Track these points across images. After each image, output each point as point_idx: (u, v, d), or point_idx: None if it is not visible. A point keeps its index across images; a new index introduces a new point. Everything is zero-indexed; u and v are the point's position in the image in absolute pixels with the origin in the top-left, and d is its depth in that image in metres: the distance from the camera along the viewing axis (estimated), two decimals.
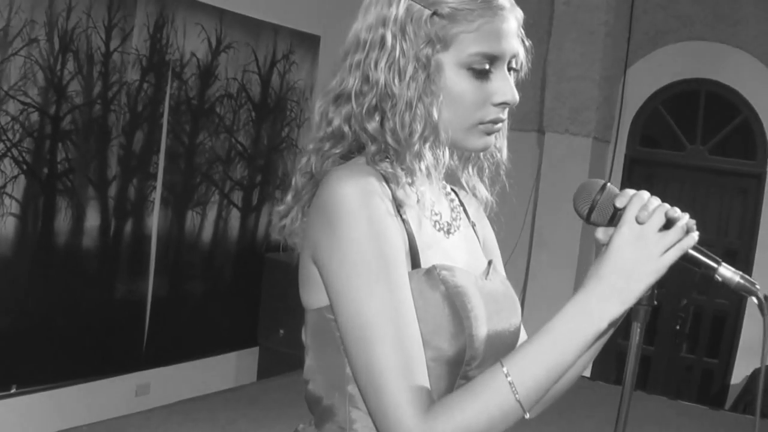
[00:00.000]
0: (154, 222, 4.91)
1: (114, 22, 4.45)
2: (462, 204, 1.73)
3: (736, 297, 6.36)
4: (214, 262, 5.38)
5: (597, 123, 6.36)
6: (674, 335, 6.45)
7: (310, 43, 5.84)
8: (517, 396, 1.34)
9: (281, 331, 5.51)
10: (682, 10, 6.48)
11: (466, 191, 1.75)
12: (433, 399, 1.37)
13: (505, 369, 1.35)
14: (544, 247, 6.42)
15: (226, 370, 5.61)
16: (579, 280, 6.61)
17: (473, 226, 1.73)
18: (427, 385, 1.37)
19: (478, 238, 1.73)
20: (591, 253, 6.76)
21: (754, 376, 5.73)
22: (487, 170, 1.71)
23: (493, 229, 1.84)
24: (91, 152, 4.49)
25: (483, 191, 1.73)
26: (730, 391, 6.24)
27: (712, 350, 6.59)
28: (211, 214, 5.30)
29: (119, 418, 4.16)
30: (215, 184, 5.29)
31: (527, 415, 1.37)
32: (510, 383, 1.34)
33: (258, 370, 5.69)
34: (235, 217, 5.48)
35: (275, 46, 5.57)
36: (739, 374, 6.21)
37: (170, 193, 4.99)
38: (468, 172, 1.72)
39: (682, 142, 6.71)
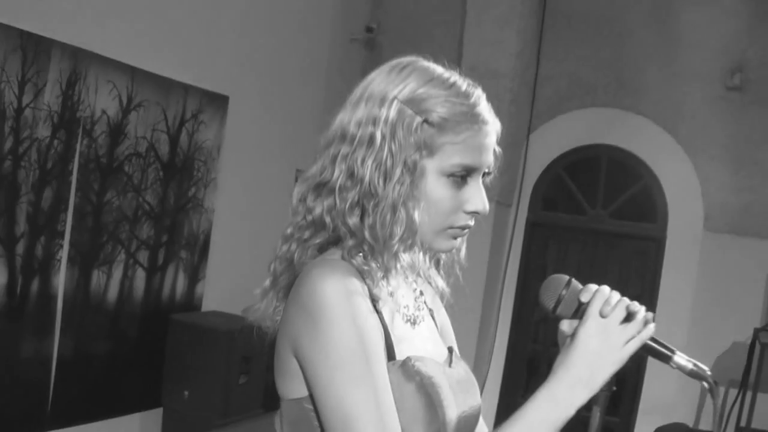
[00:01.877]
0: (60, 281, 4.81)
1: (27, 77, 4.40)
2: (422, 293, 1.80)
3: (637, 358, 6.51)
4: (119, 322, 5.28)
5: (501, 188, 6.49)
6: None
7: (219, 103, 5.85)
8: None
9: (186, 393, 5.45)
10: (585, 77, 6.70)
11: (422, 279, 1.83)
12: None
13: None
14: (447, 310, 6.47)
15: (131, 430, 5.50)
16: (480, 346, 6.73)
17: (431, 313, 1.81)
18: None
19: (436, 325, 1.82)
20: (491, 320, 6.87)
21: None
22: (443, 264, 1.81)
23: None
24: (0, 209, 4.40)
25: (440, 282, 1.82)
26: None
27: (612, 409, 6.71)
28: (117, 273, 5.22)
29: None
30: (121, 243, 5.21)
31: None
32: None
33: (162, 431, 5.59)
34: (140, 277, 5.40)
35: (185, 105, 5.55)
36: None
37: (77, 252, 4.90)
38: (425, 262, 1.80)
39: (584, 206, 6.89)
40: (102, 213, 5.03)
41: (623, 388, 6.71)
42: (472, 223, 1.63)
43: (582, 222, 6.95)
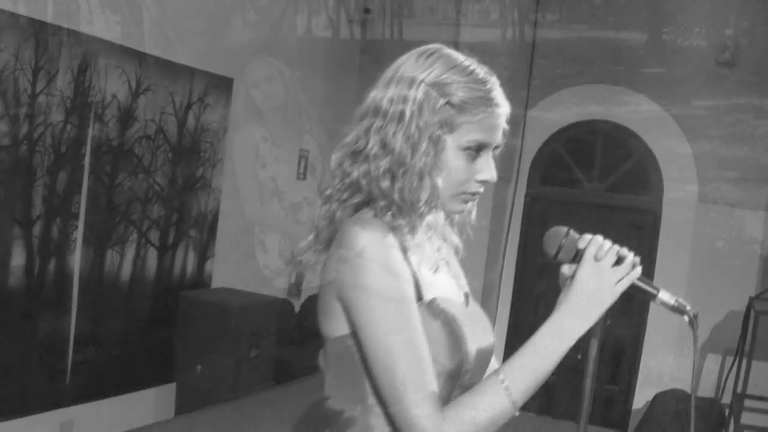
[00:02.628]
0: (76, 261, 4.96)
1: (40, 64, 4.54)
2: (439, 248, 2.02)
3: (635, 329, 6.69)
4: (133, 300, 5.45)
5: (500, 164, 6.62)
6: (576, 364, 6.73)
7: (224, 85, 6.00)
8: (512, 397, 1.68)
9: (198, 368, 5.59)
10: (580, 54, 6.81)
11: (438, 236, 2.05)
12: (443, 404, 1.70)
13: (501, 377, 1.70)
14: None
15: (145, 405, 5.68)
16: (484, 307, 6.88)
17: (447, 263, 2.03)
18: (437, 392, 1.69)
19: (450, 273, 2.04)
20: (494, 284, 7.02)
21: (656, 399, 6.02)
22: (456, 223, 2.04)
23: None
24: (17, 192, 4.55)
25: (454, 239, 2.06)
26: (632, 416, 6.54)
27: (612, 378, 6.89)
28: (130, 252, 5.38)
29: None
30: (133, 224, 5.38)
31: (517, 413, 1.72)
32: (506, 388, 1.69)
33: (176, 405, 5.75)
34: (152, 256, 5.57)
35: (191, 88, 5.70)
36: (640, 400, 6.53)
37: (91, 232, 5.05)
38: (441, 221, 2.04)
39: (581, 181, 7.04)
40: (114, 194, 5.19)
41: (623, 358, 6.88)
42: (481, 190, 1.87)
43: (579, 196, 7.09)
